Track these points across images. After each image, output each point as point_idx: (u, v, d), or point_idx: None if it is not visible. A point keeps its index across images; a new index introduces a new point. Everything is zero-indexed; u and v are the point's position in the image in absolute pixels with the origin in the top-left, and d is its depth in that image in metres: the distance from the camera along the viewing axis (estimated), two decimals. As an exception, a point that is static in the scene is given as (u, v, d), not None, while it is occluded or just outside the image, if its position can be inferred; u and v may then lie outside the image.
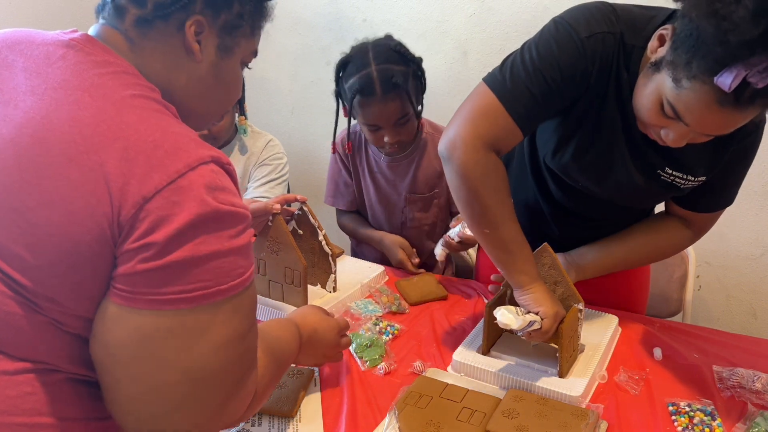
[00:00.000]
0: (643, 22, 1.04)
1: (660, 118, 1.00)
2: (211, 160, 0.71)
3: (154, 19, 0.78)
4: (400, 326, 1.33)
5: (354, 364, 1.22)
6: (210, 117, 0.90)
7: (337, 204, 1.81)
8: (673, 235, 1.30)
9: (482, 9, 2.16)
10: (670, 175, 1.15)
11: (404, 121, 1.55)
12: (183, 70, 0.81)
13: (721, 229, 2.09)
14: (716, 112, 0.92)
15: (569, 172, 1.21)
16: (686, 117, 0.95)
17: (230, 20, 0.82)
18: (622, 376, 1.16)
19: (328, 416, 1.08)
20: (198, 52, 0.80)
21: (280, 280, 1.37)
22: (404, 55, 1.52)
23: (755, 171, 2.00)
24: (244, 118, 1.85)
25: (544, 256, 1.17)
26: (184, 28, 0.79)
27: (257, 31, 0.88)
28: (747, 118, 0.93)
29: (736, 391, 1.12)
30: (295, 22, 2.50)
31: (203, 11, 0.79)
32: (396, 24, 2.32)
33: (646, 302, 1.51)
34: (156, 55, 0.79)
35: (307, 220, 1.40)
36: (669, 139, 1.01)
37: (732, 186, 1.23)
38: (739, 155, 1.16)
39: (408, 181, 1.68)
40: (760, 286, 2.12)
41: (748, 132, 1.12)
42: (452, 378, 1.16)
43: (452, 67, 2.27)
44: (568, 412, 1.04)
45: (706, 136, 1.00)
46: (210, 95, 0.86)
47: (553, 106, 1.11)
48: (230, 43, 0.84)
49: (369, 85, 1.48)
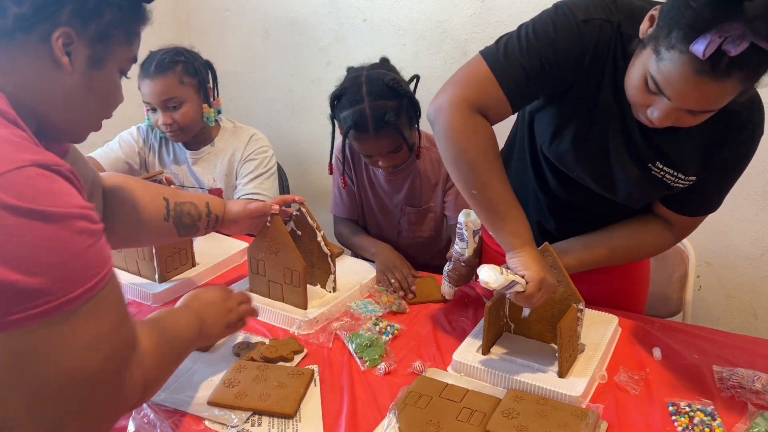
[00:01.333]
0: (642, 12, 1.04)
1: (645, 94, 1.00)
2: (30, 164, 0.67)
3: (13, 31, 0.74)
4: (400, 326, 1.33)
5: (354, 364, 1.22)
6: (87, 128, 0.87)
7: (336, 212, 1.81)
8: (655, 237, 1.30)
9: (482, 9, 2.16)
10: (660, 171, 1.16)
11: (397, 151, 1.58)
12: (49, 82, 0.78)
13: (721, 229, 2.09)
14: (694, 82, 0.92)
15: (565, 161, 1.21)
16: (667, 89, 0.96)
17: (101, 30, 0.79)
18: (622, 376, 1.16)
19: (327, 416, 1.08)
20: (67, 64, 0.77)
21: (279, 281, 1.37)
22: (397, 90, 1.53)
23: (755, 171, 2.02)
24: (207, 106, 1.83)
25: (546, 255, 1.17)
26: (50, 41, 0.75)
27: (133, 38, 0.85)
28: (727, 92, 0.93)
29: (736, 391, 1.12)
30: (295, 22, 2.50)
31: (70, 22, 0.76)
32: (396, 24, 2.32)
33: (645, 302, 1.51)
34: (15, 66, 0.76)
35: (306, 221, 1.40)
36: (654, 118, 1.01)
37: (719, 192, 1.23)
38: (730, 162, 1.16)
39: (403, 194, 1.71)
40: (760, 286, 2.12)
41: (743, 140, 1.13)
42: (452, 378, 1.16)
43: (452, 67, 2.27)
44: (568, 412, 1.04)
45: (691, 116, 0.99)
46: (84, 107, 0.83)
47: (543, 85, 1.12)
48: (103, 54, 0.81)
49: (362, 121, 1.51)
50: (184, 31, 2.71)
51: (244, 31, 2.60)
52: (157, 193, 1.23)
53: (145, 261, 1.45)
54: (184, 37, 2.67)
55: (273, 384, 1.11)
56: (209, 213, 1.30)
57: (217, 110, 1.88)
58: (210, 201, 1.31)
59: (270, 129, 2.15)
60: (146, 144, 1.91)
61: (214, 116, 1.86)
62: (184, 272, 1.51)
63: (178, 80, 1.76)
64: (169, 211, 1.23)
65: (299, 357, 1.23)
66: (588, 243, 1.30)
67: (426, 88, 1.60)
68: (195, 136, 1.86)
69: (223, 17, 2.62)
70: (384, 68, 1.61)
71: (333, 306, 1.37)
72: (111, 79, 0.85)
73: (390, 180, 1.70)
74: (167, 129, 1.79)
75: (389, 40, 2.35)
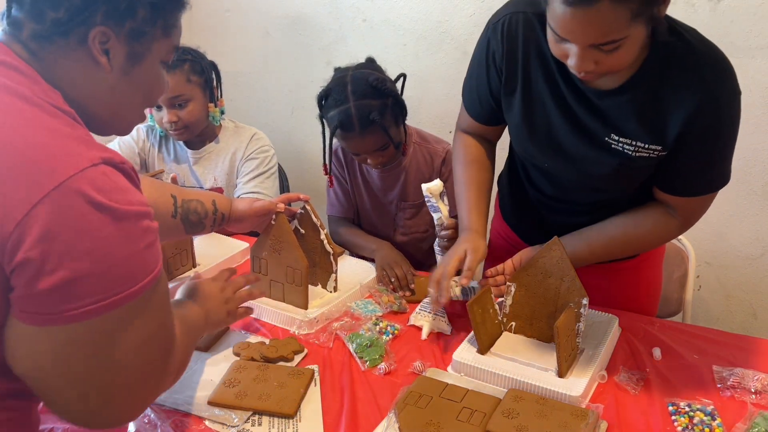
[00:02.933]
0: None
1: (557, 46, 1.06)
2: (101, 161, 0.71)
3: (52, 35, 0.77)
4: (401, 326, 1.33)
5: (354, 364, 1.22)
6: (131, 120, 0.90)
7: (332, 212, 1.81)
8: (656, 223, 1.26)
9: (482, 9, 2.16)
10: (618, 142, 1.16)
11: (383, 149, 1.60)
12: (93, 80, 0.81)
13: (721, 229, 2.09)
14: (572, 15, 0.97)
15: (529, 154, 1.30)
16: (559, 31, 1.02)
17: (136, 27, 0.81)
18: (622, 376, 1.16)
19: (328, 416, 1.08)
20: (106, 63, 0.80)
21: (281, 280, 1.37)
22: (381, 90, 1.54)
23: (755, 171, 2.02)
24: (213, 106, 1.84)
25: (554, 249, 1.17)
26: (88, 41, 0.78)
27: (171, 30, 0.86)
28: (608, 15, 0.95)
29: (736, 391, 1.12)
30: (295, 22, 2.50)
31: (105, 22, 0.78)
32: (396, 24, 2.32)
33: (657, 304, 1.52)
34: (60, 66, 0.79)
35: (310, 219, 1.40)
36: (574, 65, 1.05)
37: (711, 167, 1.17)
38: (702, 134, 1.11)
39: (398, 190, 1.72)
40: (760, 286, 2.12)
41: (710, 105, 1.08)
42: (452, 378, 1.16)
43: (452, 67, 2.27)
44: (568, 412, 1.04)
45: (603, 54, 1.01)
46: (126, 102, 0.86)
47: (486, 90, 1.29)
48: (141, 50, 0.82)
49: (348, 121, 1.53)
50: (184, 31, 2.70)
51: (244, 31, 2.60)
52: (165, 191, 1.23)
53: (146, 261, 1.45)
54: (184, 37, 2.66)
55: (273, 384, 1.12)
56: (216, 211, 1.30)
57: (221, 110, 1.88)
58: (216, 199, 1.31)
59: (270, 129, 2.15)
60: (147, 144, 1.92)
61: (219, 116, 1.87)
62: (185, 273, 1.51)
63: (186, 78, 1.76)
64: (177, 208, 1.23)
65: (299, 357, 1.23)
66: (584, 235, 1.29)
67: (426, 88, 1.61)
68: (197, 135, 1.87)
69: (223, 17, 2.62)
70: (369, 68, 1.63)
71: (333, 306, 1.37)
72: (152, 71, 0.86)
73: (383, 177, 1.72)
74: (172, 127, 1.79)
75: (389, 40, 2.35)
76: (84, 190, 0.68)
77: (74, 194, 0.68)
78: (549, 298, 1.19)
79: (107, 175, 0.71)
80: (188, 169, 1.90)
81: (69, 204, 0.67)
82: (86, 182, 0.68)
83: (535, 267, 1.20)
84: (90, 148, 0.72)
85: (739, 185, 2.01)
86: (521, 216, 1.48)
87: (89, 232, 0.68)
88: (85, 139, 0.73)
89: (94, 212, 0.68)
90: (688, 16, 1.86)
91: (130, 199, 0.72)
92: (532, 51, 1.19)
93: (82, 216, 0.68)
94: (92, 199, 0.68)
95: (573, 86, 1.17)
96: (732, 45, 1.82)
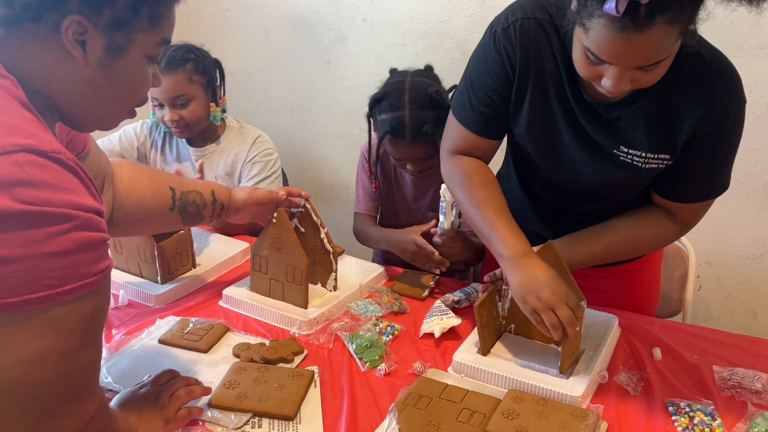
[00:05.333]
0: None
1: (591, 68, 1.02)
2: (20, 149, 0.62)
3: (21, 21, 0.71)
4: (401, 327, 1.33)
5: (354, 365, 1.22)
6: (112, 117, 0.83)
7: (358, 208, 1.78)
8: (655, 228, 1.25)
9: (482, 9, 2.16)
10: (627, 155, 1.15)
11: (428, 158, 1.58)
12: (66, 72, 0.74)
13: (721, 229, 2.09)
14: (623, 40, 0.92)
15: (533, 163, 1.27)
16: (603, 56, 0.97)
17: (117, 16, 0.73)
18: (622, 376, 1.16)
19: (328, 418, 1.08)
20: (81, 55, 0.73)
21: (281, 279, 1.37)
22: (439, 103, 1.52)
23: (755, 171, 2.02)
24: (214, 105, 1.83)
25: (548, 252, 1.17)
26: (60, 31, 0.71)
27: (159, 20, 0.79)
28: (660, 39, 0.92)
29: (736, 391, 1.12)
30: (295, 22, 2.50)
31: (81, 10, 0.71)
32: (396, 24, 2.32)
33: (656, 306, 1.52)
34: (28, 54, 0.72)
35: (310, 218, 1.40)
36: (609, 87, 1.01)
37: (712, 174, 1.18)
38: (707, 141, 1.12)
39: (428, 199, 1.70)
40: (761, 286, 2.12)
41: (716, 113, 1.08)
42: (452, 379, 1.16)
43: (452, 67, 2.27)
44: (568, 413, 1.04)
45: (643, 72, 0.99)
46: (105, 97, 0.79)
47: (494, 98, 1.21)
48: (123, 41, 0.76)
49: (400, 128, 1.51)
50: (184, 31, 2.70)
51: (244, 31, 2.60)
52: (164, 183, 1.22)
53: (147, 263, 1.45)
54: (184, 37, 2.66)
55: (273, 385, 1.12)
56: (215, 201, 1.29)
57: (223, 109, 1.88)
58: (215, 189, 1.31)
59: (270, 129, 2.14)
60: (149, 140, 1.90)
61: (220, 115, 1.87)
62: (185, 273, 1.51)
63: (188, 78, 1.76)
64: (175, 200, 1.22)
65: (299, 358, 1.23)
66: (583, 238, 1.28)
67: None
68: (200, 133, 1.86)
69: (223, 17, 2.62)
70: (428, 77, 1.60)
71: (333, 306, 1.37)
72: (135, 66, 0.79)
73: (416, 184, 1.70)
74: (173, 125, 1.79)
75: (389, 40, 2.35)
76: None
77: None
78: None
79: (20, 166, 0.62)
80: (190, 166, 1.90)
81: None
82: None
83: None
84: (9, 135, 0.63)
85: (739, 185, 2.01)
86: (518, 224, 1.44)
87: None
88: (10, 123, 0.65)
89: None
90: (688, 15, 1.86)
91: (46, 197, 0.62)
92: (545, 60, 1.15)
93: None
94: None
95: (580, 98, 1.15)
96: (732, 45, 1.81)
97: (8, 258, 0.61)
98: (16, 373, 0.65)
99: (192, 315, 1.37)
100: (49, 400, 0.69)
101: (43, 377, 0.67)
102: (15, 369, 0.65)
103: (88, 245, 0.66)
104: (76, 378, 0.71)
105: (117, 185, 1.15)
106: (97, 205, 0.69)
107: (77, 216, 0.65)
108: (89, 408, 0.75)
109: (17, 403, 0.67)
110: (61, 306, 0.65)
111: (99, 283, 0.69)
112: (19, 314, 0.63)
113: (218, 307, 1.41)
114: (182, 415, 1.03)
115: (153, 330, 1.31)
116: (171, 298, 1.43)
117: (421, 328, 1.31)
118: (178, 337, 1.27)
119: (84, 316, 0.68)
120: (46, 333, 0.65)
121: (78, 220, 0.65)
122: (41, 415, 0.69)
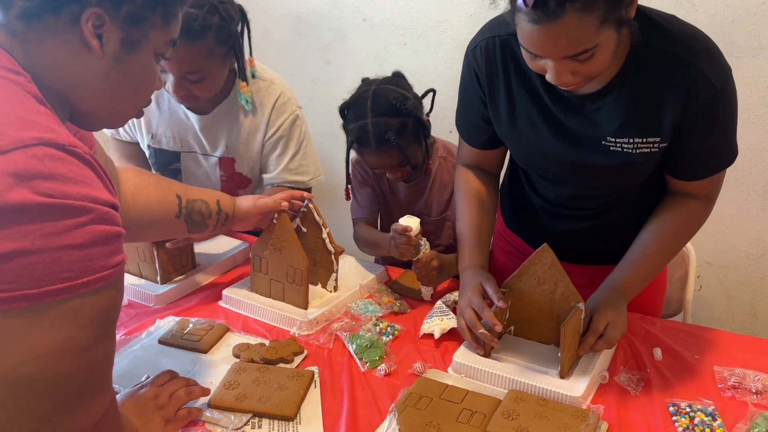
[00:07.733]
0: None
1: (534, 63, 1.06)
2: (39, 142, 0.63)
3: (41, 12, 0.71)
4: (401, 327, 1.33)
5: (354, 365, 1.22)
6: (122, 114, 0.84)
7: (356, 213, 1.76)
8: (682, 213, 1.24)
9: (482, 9, 2.16)
10: (615, 143, 1.16)
11: (401, 165, 1.57)
12: (80, 66, 0.75)
13: (721, 229, 2.09)
14: (539, 32, 0.97)
15: (529, 166, 1.32)
16: (531, 49, 1.01)
17: (134, 11, 0.75)
18: (622, 377, 1.16)
19: (328, 418, 1.08)
20: (98, 48, 0.74)
21: (282, 279, 1.37)
22: (400, 110, 1.51)
23: (755, 171, 2.02)
24: (245, 85, 1.56)
25: (545, 255, 1.17)
26: (80, 22, 0.72)
27: (171, 19, 0.81)
28: (575, 26, 0.94)
29: (736, 392, 1.12)
30: (295, 22, 2.50)
31: (101, 3, 0.73)
32: (396, 23, 2.32)
33: (661, 306, 1.52)
34: (45, 48, 0.73)
35: (312, 218, 1.40)
36: (553, 79, 1.05)
37: (714, 149, 1.18)
38: (702, 116, 1.11)
39: (421, 204, 1.70)
40: (761, 286, 2.12)
41: (701, 87, 1.08)
42: (452, 379, 1.16)
43: (452, 67, 2.27)
44: (569, 413, 1.04)
45: (577, 63, 1.00)
46: (117, 92, 0.80)
47: (479, 115, 1.30)
48: (137, 37, 0.77)
49: (365, 137, 1.51)
50: (184, 32, 2.70)
51: (244, 31, 2.60)
52: (170, 190, 1.22)
53: (147, 263, 1.45)
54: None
55: (273, 386, 1.12)
56: (219, 211, 1.30)
57: (252, 72, 1.58)
58: (221, 198, 1.31)
59: (270, 129, 2.15)
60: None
61: (251, 96, 1.57)
62: (185, 273, 1.51)
63: (207, 51, 1.41)
64: (181, 208, 1.22)
65: (299, 358, 1.23)
66: (626, 264, 1.24)
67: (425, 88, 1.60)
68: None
69: (223, 17, 2.62)
70: (395, 84, 1.59)
71: (333, 306, 1.37)
72: (146, 63, 0.81)
73: (408, 191, 1.70)
74: (179, 97, 1.48)
75: (389, 40, 2.36)
76: (7, 172, 0.61)
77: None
78: (545, 303, 1.19)
79: (40, 159, 0.62)
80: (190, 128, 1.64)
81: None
82: (10, 164, 0.61)
83: (528, 274, 1.19)
84: (24, 128, 0.64)
85: (739, 185, 2.01)
86: (525, 222, 1.47)
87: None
88: (24, 116, 0.65)
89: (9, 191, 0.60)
90: (689, 15, 1.86)
91: (63, 190, 0.63)
92: (512, 70, 1.20)
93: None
94: (15, 183, 0.61)
95: (557, 96, 1.17)
96: (732, 45, 1.82)
97: (28, 250, 0.61)
98: (33, 367, 0.65)
99: (192, 315, 1.37)
100: (67, 394, 0.69)
101: (60, 371, 0.67)
102: (32, 363, 0.65)
103: (105, 238, 0.67)
104: (92, 371, 0.71)
105: (123, 191, 1.15)
106: (112, 199, 0.69)
107: (95, 209, 0.65)
108: (104, 402, 0.75)
109: (35, 398, 0.67)
110: (78, 299, 0.65)
111: (114, 277, 0.69)
112: (38, 306, 0.63)
113: (218, 307, 1.41)
114: (182, 416, 1.04)
115: (153, 330, 1.31)
116: (171, 299, 1.43)
117: (422, 328, 1.31)
118: (178, 337, 1.27)
119: (100, 310, 0.68)
120: (63, 326, 0.65)
121: (95, 213, 0.65)
122: (58, 409, 0.69)
